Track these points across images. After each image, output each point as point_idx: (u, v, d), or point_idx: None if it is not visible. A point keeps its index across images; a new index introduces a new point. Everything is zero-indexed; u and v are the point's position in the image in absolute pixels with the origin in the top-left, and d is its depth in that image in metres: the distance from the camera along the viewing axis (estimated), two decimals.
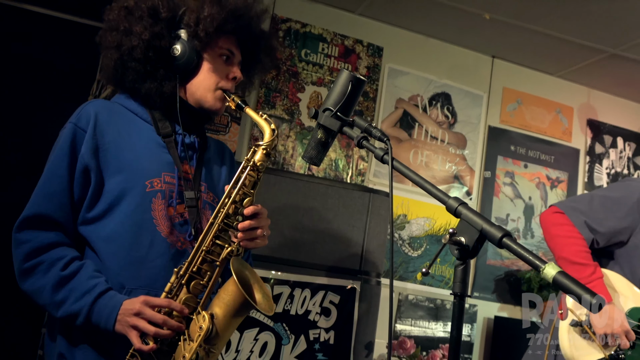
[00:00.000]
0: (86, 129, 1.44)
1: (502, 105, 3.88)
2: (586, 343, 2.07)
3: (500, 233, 0.94)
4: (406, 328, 3.41)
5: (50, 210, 1.41)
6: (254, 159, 1.48)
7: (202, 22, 1.50)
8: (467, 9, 3.29)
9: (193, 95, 1.58)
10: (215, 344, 1.38)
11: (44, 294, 1.36)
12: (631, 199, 2.16)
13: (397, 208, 3.47)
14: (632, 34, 3.31)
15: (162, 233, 1.46)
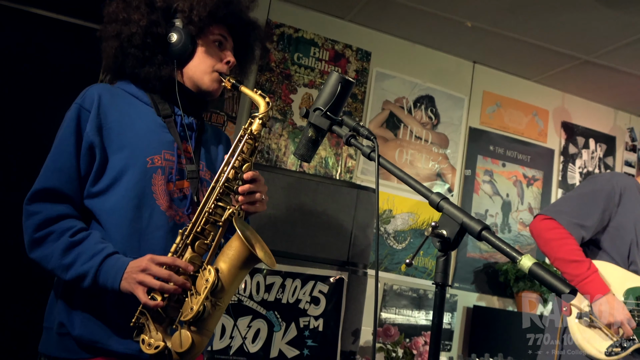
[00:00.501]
0: (90, 109, 1.45)
1: (482, 108, 3.88)
2: (595, 333, 2.09)
3: (479, 226, 0.94)
4: (390, 316, 3.41)
5: (59, 184, 1.41)
6: (251, 128, 1.51)
7: (196, 7, 1.52)
8: (450, 17, 3.29)
9: (190, 78, 1.59)
10: (221, 297, 1.37)
11: (53, 258, 1.36)
12: (602, 189, 2.21)
13: (383, 203, 3.47)
14: (603, 42, 3.33)
15: (162, 207, 1.46)
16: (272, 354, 2.44)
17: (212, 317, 1.37)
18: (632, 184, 2.26)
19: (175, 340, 1.34)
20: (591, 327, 2.09)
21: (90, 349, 1.40)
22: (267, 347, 2.44)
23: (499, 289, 3.72)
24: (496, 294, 3.73)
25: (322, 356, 2.52)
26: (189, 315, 1.33)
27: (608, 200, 2.19)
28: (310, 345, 2.51)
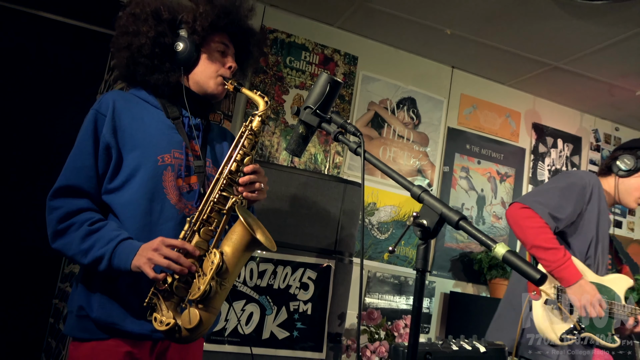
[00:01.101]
0: (106, 113, 1.48)
1: (460, 110, 3.89)
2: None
3: (457, 217, 0.94)
4: (374, 301, 3.42)
5: (79, 181, 1.44)
6: (252, 125, 1.53)
7: (198, 18, 1.54)
8: (431, 25, 3.29)
9: (196, 83, 1.61)
10: (226, 278, 1.40)
11: (74, 245, 1.39)
12: (577, 185, 2.19)
13: (368, 197, 3.47)
14: (571, 50, 3.34)
15: (172, 201, 1.49)
16: (264, 336, 2.43)
17: (218, 296, 1.39)
18: (599, 183, 2.26)
19: (184, 318, 1.36)
20: (554, 313, 2.10)
21: (107, 329, 1.43)
22: (260, 329, 2.43)
23: (474, 276, 3.73)
24: (471, 280, 3.75)
25: (310, 337, 2.51)
26: (197, 294, 1.35)
27: (581, 196, 2.18)
28: (299, 328, 2.50)
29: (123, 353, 1.42)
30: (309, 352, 2.50)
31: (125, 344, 1.43)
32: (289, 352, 2.47)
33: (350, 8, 3.25)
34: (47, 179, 1.49)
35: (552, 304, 2.08)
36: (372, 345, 3.02)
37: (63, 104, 3.15)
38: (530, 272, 0.82)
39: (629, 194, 2.29)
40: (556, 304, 2.07)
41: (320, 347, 2.52)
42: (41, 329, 3.08)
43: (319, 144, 3.38)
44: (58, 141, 1.59)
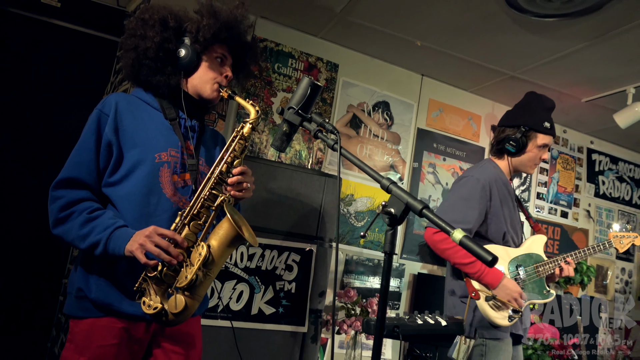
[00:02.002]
0: (109, 113, 1.45)
1: (428, 112, 3.90)
2: (499, 308, 2.13)
3: (421, 206, 0.95)
4: (351, 281, 3.43)
5: (80, 174, 1.42)
6: (243, 131, 1.51)
7: (202, 30, 1.51)
8: (404, 37, 3.29)
9: (194, 87, 1.58)
10: (212, 269, 1.38)
11: (73, 230, 1.37)
12: (476, 189, 2.18)
13: (346, 189, 3.47)
14: (526, 61, 3.36)
15: (167, 194, 1.47)
16: (252, 312, 2.43)
17: (203, 285, 1.38)
18: (494, 173, 2.24)
19: (171, 303, 1.34)
20: (495, 304, 2.12)
21: (104, 309, 1.41)
22: (249, 306, 2.43)
23: (439, 260, 3.75)
24: (436, 263, 3.77)
25: (294, 313, 2.52)
26: (184, 282, 1.33)
27: (481, 198, 2.16)
28: (284, 305, 2.51)
29: (119, 328, 1.41)
30: (292, 326, 2.51)
31: (121, 322, 1.41)
32: (275, 326, 2.47)
33: (332, 21, 3.23)
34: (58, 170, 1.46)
35: (491, 299, 2.09)
36: (349, 320, 3.04)
37: (71, 104, 3.10)
38: (482, 255, 0.82)
39: (525, 166, 2.30)
40: (493, 298, 2.08)
41: (303, 321, 2.53)
42: (52, 306, 3.04)
43: (303, 142, 3.37)
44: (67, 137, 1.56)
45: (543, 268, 2.19)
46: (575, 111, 4.08)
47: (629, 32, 2.78)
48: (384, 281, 0.96)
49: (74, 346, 1.41)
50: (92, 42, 3.18)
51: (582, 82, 3.53)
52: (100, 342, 1.38)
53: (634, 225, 4.84)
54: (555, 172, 4.42)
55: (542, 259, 2.23)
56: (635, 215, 4.84)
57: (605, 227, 4.64)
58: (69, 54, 3.18)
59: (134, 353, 1.44)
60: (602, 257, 4.59)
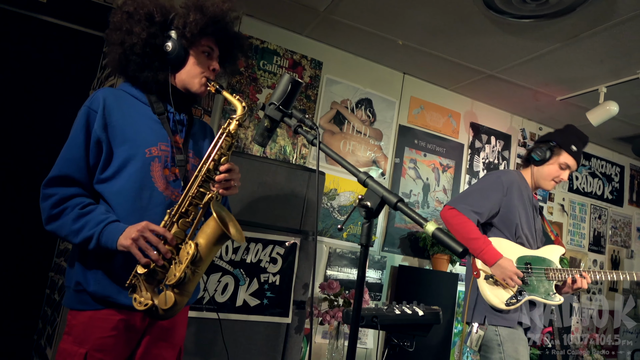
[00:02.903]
0: (97, 110, 1.42)
1: (409, 110, 3.91)
2: (498, 289, 2.18)
3: (395, 199, 0.95)
4: (334, 273, 3.44)
5: (70, 171, 1.39)
6: (229, 128, 1.48)
7: (189, 25, 1.47)
8: (386, 36, 3.30)
9: (182, 81, 1.55)
10: (199, 266, 1.38)
11: (66, 226, 1.35)
12: (494, 184, 2.29)
13: (330, 183, 3.47)
14: (503, 61, 3.39)
15: (159, 188, 1.45)
16: (237, 303, 2.42)
17: (191, 282, 1.37)
18: (515, 178, 2.34)
19: (161, 299, 1.34)
20: (495, 285, 2.17)
21: (102, 301, 1.40)
22: (234, 298, 2.42)
23: (419, 252, 3.78)
24: (416, 256, 3.80)
25: (278, 305, 2.51)
26: (173, 280, 1.33)
27: (497, 193, 2.27)
28: (269, 296, 2.50)
29: (117, 320, 1.40)
30: (277, 317, 2.51)
31: (119, 313, 1.41)
32: (259, 317, 2.46)
33: (316, 19, 3.22)
34: (45, 167, 1.43)
35: (490, 277, 2.15)
36: (332, 311, 3.04)
37: (59, 100, 3.04)
38: (453, 246, 0.83)
39: (544, 178, 2.38)
40: (492, 277, 2.15)
41: (287, 313, 2.53)
42: (39, 299, 3.00)
43: (287, 137, 3.36)
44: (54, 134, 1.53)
45: (553, 273, 2.24)
46: (550, 109, 4.14)
47: (600, 34, 2.83)
48: (360, 272, 0.96)
49: (72, 338, 1.39)
50: (78, 38, 3.12)
51: (557, 82, 3.58)
52: (99, 334, 1.38)
53: (605, 219, 4.94)
54: None
55: (555, 265, 2.28)
56: (607, 209, 4.94)
57: (578, 220, 4.73)
58: (55, 50, 3.12)
59: (129, 341, 1.45)
60: (575, 249, 4.67)
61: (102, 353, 1.37)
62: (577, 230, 4.72)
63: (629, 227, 5.09)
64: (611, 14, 2.61)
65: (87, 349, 1.36)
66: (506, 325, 2.15)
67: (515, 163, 4.38)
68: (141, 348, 1.47)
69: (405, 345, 1.45)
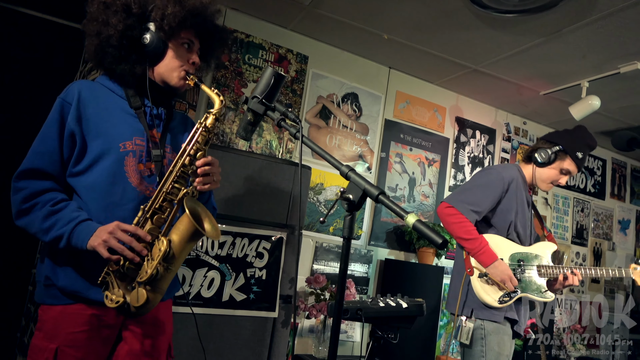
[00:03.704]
0: (72, 102, 1.39)
1: (395, 104, 3.92)
2: (491, 287, 2.19)
3: (377, 191, 0.95)
4: (320, 267, 3.45)
5: (43, 164, 1.36)
6: (206, 123, 1.46)
7: (167, 18, 1.43)
8: (371, 31, 3.30)
9: (160, 75, 1.51)
10: (172, 263, 1.35)
11: (36, 223, 1.32)
12: (495, 181, 2.27)
13: (316, 178, 3.47)
14: (487, 56, 3.42)
15: (133, 183, 1.42)
16: (224, 298, 2.41)
17: (164, 279, 1.35)
18: (517, 175, 2.32)
19: (133, 297, 1.32)
20: (488, 283, 2.19)
21: (72, 296, 1.37)
22: (220, 293, 2.41)
23: (405, 246, 3.81)
24: (402, 249, 3.82)
25: (265, 299, 2.51)
26: (145, 277, 1.31)
27: (498, 190, 2.25)
28: (255, 291, 2.50)
29: (89, 315, 1.38)
30: (263, 311, 2.50)
31: (90, 308, 1.38)
32: (246, 312, 2.46)
33: (301, 13, 3.21)
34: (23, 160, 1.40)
35: (484, 276, 2.17)
36: (318, 305, 3.06)
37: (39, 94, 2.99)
38: (433, 238, 0.84)
39: (542, 181, 2.36)
40: (486, 275, 2.16)
41: (274, 307, 2.53)
42: (21, 296, 2.96)
43: (274, 132, 3.35)
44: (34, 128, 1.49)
45: (545, 270, 2.25)
46: (534, 103, 4.18)
47: (582, 29, 2.86)
48: (342, 265, 0.96)
49: (43, 334, 1.37)
50: (60, 31, 3.07)
51: (540, 76, 3.62)
52: (69, 329, 1.35)
53: (588, 212, 5.02)
54: (516, 161, 4.53)
55: (547, 262, 2.29)
56: (589, 202, 5.02)
57: (562, 213, 4.80)
58: (36, 43, 3.06)
59: (105, 338, 1.41)
60: (558, 241, 4.74)
61: (74, 349, 1.34)
62: (560, 223, 4.80)
63: (611, 220, 5.19)
64: (592, 9, 2.64)
65: (57, 344, 1.33)
66: (493, 320, 2.18)
67: (500, 157, 4.42)
68: (126, 344, 1.45)
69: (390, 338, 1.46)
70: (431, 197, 3.98)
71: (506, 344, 2.19)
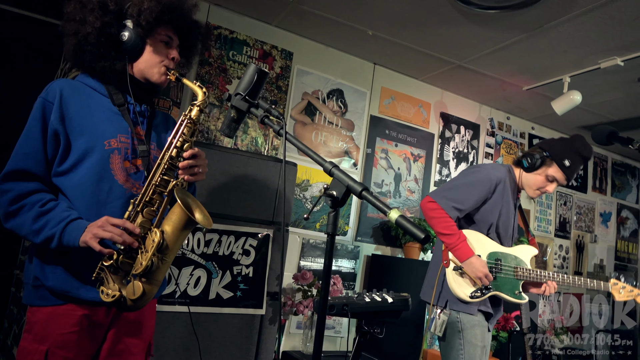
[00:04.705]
0: (53, 101, 1.37)
1: (380, 100, 3.93)
2: (464, 281, 2.21)
3: (360, 188, 0.96)
4: (307, 264, 3.45)
5: (28, 165, 1.34)
6: (191, 114, 1.46)
7: (143, 13, 1.44)
8: (356, 27, 3.30)
9: (140, 71, 1.51)
10: (167, 254, 1.35)
11: (26, 225, 1.31)
12: (480, 180, 2.26)
13: (302, 174, 3.47)
14: (471, 51, 3.44)
15: (119, 181, 1.42)
16: (210, 296, 2.41)
17: (159, 270, 1.35)
18: (505, 176, 2.32)
19: (129, 290, 1.32)
20: (462, 277, 2.21)
21: (62, 297, 1.36)
22: (207, 291, 2.40)
23: (391, 241, 3.83)
24: (389, 245, 3.84)
25: (252, 296, 2.51)
26: (139, 269, 1.31)
27: (484, 190, 2.25)
28: (242, 288, 2.49)
29: (79, 316, 1.37)
30: (251, 309, 2.50)
31: (81, 308, 1.37)
32: (233, 310, 2.46)
33: (285, 9, 3.19)
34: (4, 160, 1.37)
35: (459, 269, 2.19)
36: (305, 301, 3.06)
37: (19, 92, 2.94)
38: (416, 233, 0.84)
39: (529, 186, 2.36)
40: (461, 269, 2.18)
41: (261, 304, 2.53)
42: (4, 297, 2.91)
43: (259, 129, 3.34)
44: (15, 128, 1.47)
45: (522, 272, 2.27)
46: (517, 99, 4.23)
47: (563, 25, 2.90)
48: (326, 261, 0.97)
49: (32, 336, 1.35)
50: (40, 28, 3.02)
51: (523, 72, 3.66)
52: (60, 330, 1.34)
53: (570, 205, 5.10)
54: (500, 156, 4.58)
55: (525, 265, 2.31)
56: (572, 196, 5.10)
57: (545, 207, 4.87)
58: (16, 40, 3.00)
59: (94, 338, 1.41)
60: (542, 234, 4.82)
61: (65, 350, 1.34)
62: (543, 217, 4.87)
63: (593, 213, 5.28)
64: (573, 5, 2.67)
65: (48, 346, 1.32)
66: (467, 312, 2.20)
67: (484, 152, 4.46)
68: (107, 343, 1.45)
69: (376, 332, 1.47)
70: (417, 192, 4.01)
71: (484, 336, 2.22)
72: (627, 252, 5.53)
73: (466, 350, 2.16)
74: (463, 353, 2.16)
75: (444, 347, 2.25)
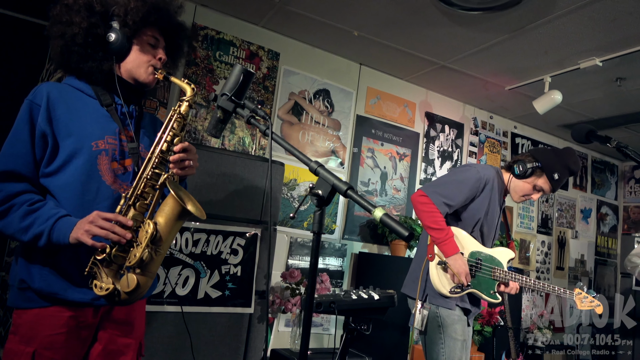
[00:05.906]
0: (40, 103, 1.37)
1: (367, 100, 3.95)
2: (446, 277, 2.24)
3: (345, 187, 0.96)
4: (295, 262, 3.45)
5: (17, 166, 1.33)
6: (180, 109, 1.47)
7: (129, 13, 1.44)
8: (342, 27, 3.31)
9: (128, 72, 1.51)
10: (160, 245, 1.35)
11: (14, 223, 1.29)
12: (470, 178, 2.29)
13: (290, 174, 3.47)
14: (454, 52, 3.47)
15: (107, 182, 1.41)
16: (199, 296, 2.40)
17: (153, 262, 1.34)
18: (494, 177, 2.34)
19: (123, 282, 1.31)
20: (445, 272, 2.23)
21: (49, 298, 1.34)
22: (195, 291, 2.39)
23: (378, 239, 3.85)
24: (376, 242, 3.86)
25: (240, 295, 2.51)
26: (134, 261, 1.30)
27: (473, 188, 2.27)
28: (230, 287, 2.49)
29: (66, 317, 1.35)
30: (239, 307, 2.50)
31: (68, 310, 1.36)
32: (222, 309, 2.45)
33: (272, 10, 3.19)
34: None
35: (442, 264, 2.21)
36: (293, 299, 3.06)
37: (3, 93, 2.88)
38: (400, 230, 0.85)
39: (515, 192, 2.39)
40: (445, 264, 2.20)
41: (249, 303, 2.52)
42: None
43: (246, 129, 3.33)
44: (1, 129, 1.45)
45: (498, 272, 2.31)
46: (500, 98, 4.27)
47: (544, 26, 2.94)
48: (312, 259, 0.97)
49: (18, 338, 1.33)
50: (24, 28, 2.96)
51: (505, 72, 3.70)
52: (47, 332, 1.32)
53: (552, 202, 5.18)
54: (483, 154, 4.63)
55: (502, 266, 2.35)
56: (553, 193, 5.18)
57: (527, 204, 4.93)
58: None
59: (83, 339, 1.39)
60: (525, 231, 4.88)
61: (51, 351, 1.32)
62: (526, 214, 4.93)
63: (574, 209, 5.37)
64: (553, 6, 2.71)
65: (34, 347, 1.31)
66: (446, 307, 2.23)
67: (468, 150, 4.50)
68: (98, 344, 1.43)
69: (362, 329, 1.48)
70: (402, 190, 4.03)
71: (464, 331, 2.25)
72: (606, 247, 5.63)
73: (447, 344, 2.19)
74: (444, 347, 2.19)
75: (425, 340, 2.27)
